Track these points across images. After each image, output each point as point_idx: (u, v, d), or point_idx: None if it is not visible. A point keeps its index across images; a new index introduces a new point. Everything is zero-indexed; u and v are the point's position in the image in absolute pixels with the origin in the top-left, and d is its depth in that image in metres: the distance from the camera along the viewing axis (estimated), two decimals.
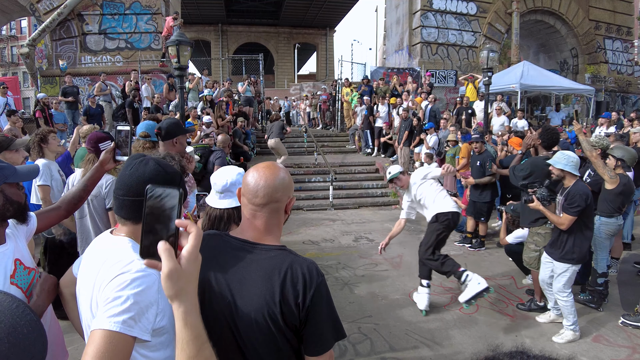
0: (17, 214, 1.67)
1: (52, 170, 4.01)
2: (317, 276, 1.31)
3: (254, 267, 1.32)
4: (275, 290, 1.27)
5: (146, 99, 11.79)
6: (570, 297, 3.92)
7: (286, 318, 1.27)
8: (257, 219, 1.37)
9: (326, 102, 16.40)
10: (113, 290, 1.17)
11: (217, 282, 1.33)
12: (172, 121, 3.11)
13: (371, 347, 3.84)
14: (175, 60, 6.86)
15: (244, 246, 1.37)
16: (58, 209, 1.98)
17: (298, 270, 1.30)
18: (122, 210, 1.38)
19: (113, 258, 1.28)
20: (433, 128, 10.57)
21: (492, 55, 9.07)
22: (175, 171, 1.43)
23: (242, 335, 1.30)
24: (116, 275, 1.20)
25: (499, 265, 5.86)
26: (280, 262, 1.32)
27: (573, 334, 3.92)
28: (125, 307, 1.14)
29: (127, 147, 1.96)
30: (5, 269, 1.59)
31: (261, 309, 1.26)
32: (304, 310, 1.27)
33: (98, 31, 14.25)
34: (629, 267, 5.77)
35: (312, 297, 1.27)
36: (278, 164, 1.43)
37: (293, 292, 1.26)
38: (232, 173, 1.99)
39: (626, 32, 19.87)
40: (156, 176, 1.33)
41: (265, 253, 1.34)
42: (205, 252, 1.40)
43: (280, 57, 36.46)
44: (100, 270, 1.27)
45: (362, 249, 6.70)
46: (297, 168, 11.09)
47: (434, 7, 16.35)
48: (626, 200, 4.55)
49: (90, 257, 1.39)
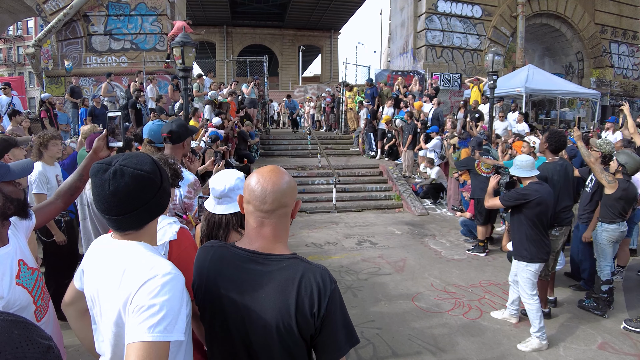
0: (18, 211, 1.67)
1: (48, 177, 3.90)
2: (331, 283, 1.29)
3: (267, 280, 1.28)
4: (290, 302, 1.24)
5: (151, 100, 11.82)
6: (535, 300, 3.88)
7: (302, 329, 1.25)
8: (266, 227, 1.32)
9: (330, 104, 16.41)
10: (146, 297, 1.14)
11: (228, 297, 1.30)
12: (180, 123, 3.06)
13: (374, 352, 3.81)
14: (179, 61, 6.86)
15: (253, 257, 1.32)
16: (55, 202, 1.97)
17: (311, 279, 1.27)
18: (125, 226, 1.30)
19: (133, 265, 1.22)
20: (436, 132, 10.56)
21: (498, 58, 9.02)
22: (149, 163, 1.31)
23: (256, 349, 1.28)
24: (145, 281, 1.16)
25: (503, 271, 5.81)
26: (293, 273, 1.28)
27: (539, 342, 3.83)
28: (162, 316, 1.12)
29: (121, 134, 1.94)
30: (11, 269, 1.59)
31: (276, 321, 1.24)
32: (319, 319, 1.25)
33: (103, 32, 14.30)
34: (634, 274, 5.71)
35: (327, 306, 1.25)
36: (280, 167, 1.40)
37: (308, 302, 1.24)
38: (230, 178, 1.95)
39: (632, 36, 19.77)
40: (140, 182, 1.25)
41: (277, 264, 1.30)
42: (212, 266, 1.37)
43: (285, 59, 36.52)
44: (122, 281, 1.21)
45: (365, 252, 6.66)
46: (301, 170, 11.07)
47: (439, 10, 16.32)
48: (627, 206, 4.49)
49: (102, 268, 1.31)
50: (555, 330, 4.21)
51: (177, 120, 3.05)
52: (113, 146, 1.94)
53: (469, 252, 6.62)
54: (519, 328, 4.25)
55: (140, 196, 1.26)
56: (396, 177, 10.73)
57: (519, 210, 3.95)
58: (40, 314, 1.69)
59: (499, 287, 5.25)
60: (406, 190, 10.10)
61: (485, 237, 6.65)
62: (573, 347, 3.90)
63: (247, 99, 13.14)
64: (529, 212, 3.88)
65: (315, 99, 18.99)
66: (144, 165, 1.28)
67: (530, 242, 3.90)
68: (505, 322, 4.37)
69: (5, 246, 1.61)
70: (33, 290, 1.66)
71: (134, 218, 1.28)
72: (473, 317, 4.48)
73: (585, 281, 5.14)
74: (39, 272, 1.76)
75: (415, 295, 5.03)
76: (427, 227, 8.28)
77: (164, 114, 10.55)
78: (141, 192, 1.26)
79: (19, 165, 1.71)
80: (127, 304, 1.17)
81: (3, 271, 1.55)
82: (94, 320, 1.36)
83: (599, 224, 4.58)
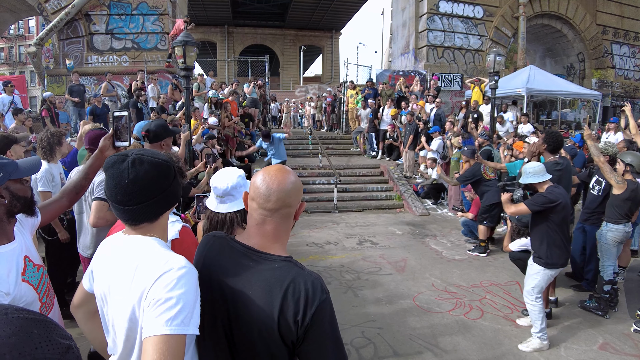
0: (25, 209, 1.67)
1: (54, 175, 3.91)
2: (322, 293, 1.23)
3: (256, 278, 1.26)
4: (274, 304, 1.21)
5: (152, 100, 11.83)
6: (539, 303, 3.86)
7: (283, 334, 1.21)
8: (267, 225, 1.31)
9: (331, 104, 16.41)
10: (162, 291, 1.13)
11: (218, 285, 1.29)
12: (159, 123, 3.11)
13: (375, 352, 3.81)
14: (181, 60, 6.86)
15: (248, 253, 1.31)
16: (60, 200, 1.97)
17: (301, 285, 1.23)
18: (139, 217, 1.30)
19: (146, 260, 1.22)
20: (438, 132, 10.55)
21: (499, 59, 9.03)
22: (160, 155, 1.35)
23: (238, 344, 1.27)
24: (160, 275, 1.16)
25: (503, 271, 5.81)
26: (284, 275, 1.25)
27: (540, 343, 3.83)
28: (179, 309, 1.12)
29: (127, 133, 1.93)
30: (17, 266, 1.59)
31: (258, 321, 1.22)
32: (302, 328, 1.20)
33: (105, 31, 14.31)
34: (635, 275, 5.71)
35: (314, 315, 1.20)
36: (287, 167, 1.38)
37: (293, 307, 1.20)
38: (232, 176, 1.94)
39: (634, 37, 19.75)
40: (156, 168, 1.28)
41: (269, 264, 1.28)
42: (209, 254, 1.38)
43: (286, 59, 36.52)
44: (135, 276, 1.21)
45: (366, 252, 6.66)
46: (302, 170, 11.07)
47: (441, 11, 16.32)
48: (634, 207, 4.49)
49: (113, 265, 1.30)
50: (556, 330, 4.21)
51: (157, 121, 3.10)
52: (119, 146, 1.93)
53: (470, 253, 6.61)
54: (520, 328, 4.25)
55: (160, 182, 1.29)
56: (397, 177, 10.73)
57: (544, 216, 3.83)
58: (46, 311, 1.69)
59: (499, 288, 5.25)
60: (407, 191, 10.10)
61: (486, 238, 6.65)
62: (574, 348, 3.90)
63: (248, 98, 13.14)
64: (555, 216, 3.79)
65: (316, 99, 19.00)
66: (159, 155, 1.33)
67: (555, 247, 3.81)
68: (506, 322, 4.36)
69: (11, 243, 1.61)
70: (38, 287, 1.66)
71: (152, 207, 1.29)
72: (474, 317, 4.48)
73: (588, 282, 5.13)
74: (44, 269, 1.77)
75: (416, 295, 5.02)
76: (428, 227, 8.28)
77: (164, 113, 10.56)
78: (160, 179, 1.29)
79: (27, 162, 1.70)
80: (142, 299, 1.16)
81: (9, 268, 1.55)
82: (104, 319, 1.35)
83: (604, 224, 4.57)
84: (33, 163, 1.73)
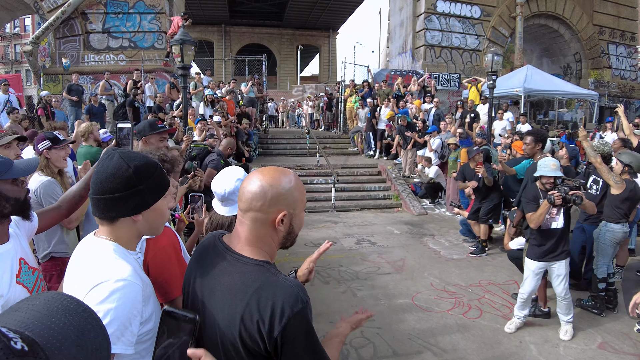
0: (16, 211, 1.60)
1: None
2: (295, 304, 1.09)
3: (225, 280, 1.18)
4: (236, 311, 1.11)
5: (149, 99, 11.78)
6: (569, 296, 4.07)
7: (247, 344, 1.10)
8: (241, 225, 1.23)
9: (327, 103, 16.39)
10: (92, 303, 1.08)
11: (196, 285, 1.26)
12: (146, 121, 3.20)
13: (374, 352, 3.80)
14: (179, 59, 6.83)
15: (224, 253, 1.24)
16: (59, 209, 1.95)
17: (269, 293, 1.10)
18: (95, 209, 1.30)
19: (90, 267, 1.20)
20: (436, 132, 10.56)
21: (497, 58, 9.04)
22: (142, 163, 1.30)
23: (207, 347, 1.19)
24: (95, 285, 1.13)
25: (502, 270, 5.81)
26: (251, 281, 1.14)
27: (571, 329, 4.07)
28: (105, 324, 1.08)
29: (129, 145, 1.93)
30: (12, 267, 1.55)
31: (222, 326, 1.15)
32: (271, 343, 1.07)
33: (102, 30, 14.24)
34: (632, 274, 5.72)
35: (285, 330, 1.06)
36: (288, 172, 1.26)
37: (258, 318, 1.08)
38: (230, 181, 1.94)
39: (630, 37, 19.85)
40: (118, 170, 1.24)
41: (241, 266, 1.18)
42: (197, 252, 1.36)
43: (283, 58, 36.48)
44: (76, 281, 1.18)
45: (364, 251, 6.65)
46: (299, 169, 11.05)
47: (438, 11, 16.34)
48: (632, 207, 4.50)
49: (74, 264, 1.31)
50: (555, 330, 4.21)
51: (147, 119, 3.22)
52: None
53: (472, 255, 6.51)
54: (520, 328, 4.24)
55: (113, 182, 1.24)
56: (395, 177, 10.73)
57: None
58: None
59: (498, 287, 5.25)
60: (405, 190, 10.10)
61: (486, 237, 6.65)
62: (573, 347, 3.90)
63: (245, 97, 13.11)
64: None
65: (314, 99, 18.98)
66: (133, 161, 1.27)
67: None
68: (505, 321, 4.35)
69: (5, 244, 1.56)
70: (34, 290, 1.62)
71: (101, 202, 1.26)
72: (473, 316, 4.48)
73: (588, 281, 5.13)
74: (39, 272, 1.73)
75: (415, 294, 5.02)
76: (426, 226, 8.28)
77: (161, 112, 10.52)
78: (113, 180, 1.24)
79: (23, 162, 1.65)
80: None
81: (3, 269, 1.51)
82: None
83: (603, 223, 4.57)
84: (29, 163, 1.68)
